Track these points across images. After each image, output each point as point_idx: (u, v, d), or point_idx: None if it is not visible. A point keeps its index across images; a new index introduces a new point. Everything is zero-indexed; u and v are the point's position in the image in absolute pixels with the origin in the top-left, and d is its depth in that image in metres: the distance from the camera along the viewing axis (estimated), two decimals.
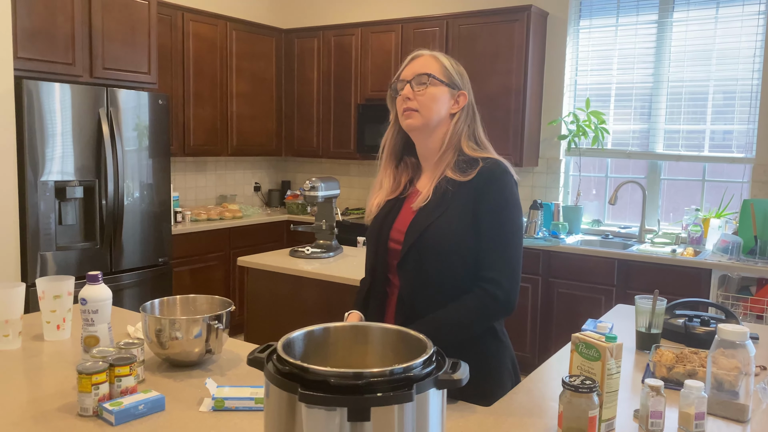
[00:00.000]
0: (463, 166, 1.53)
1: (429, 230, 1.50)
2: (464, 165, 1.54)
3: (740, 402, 1.37)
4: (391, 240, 1.59)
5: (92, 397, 1.33)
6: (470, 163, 1.54)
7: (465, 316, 1.47)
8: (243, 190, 5.66)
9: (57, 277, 1.84)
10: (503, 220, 1.49)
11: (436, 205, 1.52)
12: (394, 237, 1.59)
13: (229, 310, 1.67)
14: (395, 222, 1.60)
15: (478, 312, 1.47)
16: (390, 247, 1.59)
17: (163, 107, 4.00)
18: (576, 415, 1.22)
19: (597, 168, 4.59)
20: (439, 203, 1.52)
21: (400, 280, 1.56)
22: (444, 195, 1.52)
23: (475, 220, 1.49)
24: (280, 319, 3.13)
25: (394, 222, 1.61)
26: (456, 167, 1.54)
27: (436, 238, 1.49)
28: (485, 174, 1.51)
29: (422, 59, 1.58)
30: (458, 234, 1.48)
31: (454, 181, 1.52)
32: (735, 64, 4.00)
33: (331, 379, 0.87)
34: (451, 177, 1.53)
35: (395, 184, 1.65)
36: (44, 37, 3.48)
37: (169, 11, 4.48)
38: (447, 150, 1.57)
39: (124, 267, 3.85)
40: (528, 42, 4.29)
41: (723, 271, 3.50)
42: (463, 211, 1.49)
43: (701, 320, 1.93)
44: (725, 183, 4.12)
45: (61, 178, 3.49)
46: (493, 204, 1.49)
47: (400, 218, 1.60)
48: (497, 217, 1.49)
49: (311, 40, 5.30)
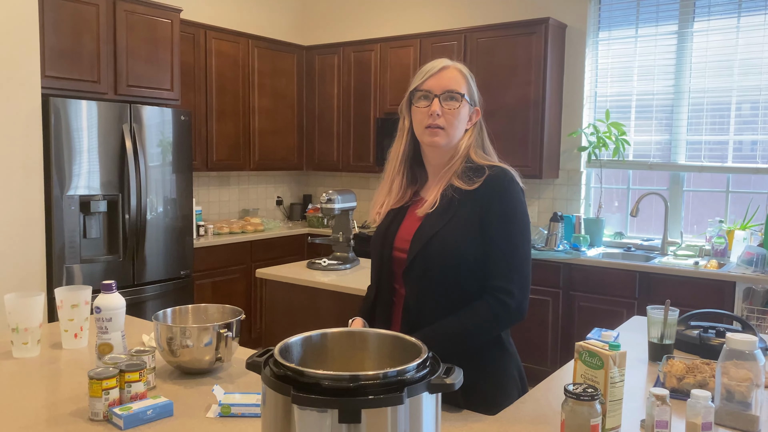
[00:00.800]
0: (469, 173, 1.53)
1: (435, 238, 1.50)
2: (470, 173, 1.53)
3: (751, 413, 1.34)
4: (396, 249, 1.59)
5: (102, 402, 1.36)
6: (476, 171, 1.54)
7: (476, 324, 1.46)
8: (265, 204, 5.73)
9: (75, 286, 1.88)
10: (512, 228, 1.49)
11: (442, 213, 1.52)
12: (399, 246, 1.58)
13: (239, 318, 1.69)
14: (399, 231, 1.60)
15: (490, 321, 1.47)
16: (394, 256, 1.59)
17: (185, 123, 4.08)
18: (578, 423, 1.21)
19: (619, 180, 4.54)
20: (445, 211, 1.52)
21: (405, 288, 1.56)
22: (450, 203, 1.52)
23: (482, 228, 1.49)
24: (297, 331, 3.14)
25: (398, 231, 1.60)
26: (462, 175, 1.54)
27: (442, 246, 1.49)
28: (492, 182, 1.51)
29: (450, 73, 1.55)
30: (464, 242, 1.49)
31: (460, 189, 1.52)
32: (758, 74, 3.94)
33: (324, 381, 0.88)
34: (457, 185, 1.53)
35: (402, 191, 1.65)
36: (71, 55, 3.59)
37: (193, 29, 4.58)
38: (457, 160, 1.57)
39: (146, 279, 3.92)
40: (546, 54, 4.29)
41: (747, 283, 3.43)
42: (470, 220, 1.49)
43: (717, 331, 1.90)
44: (750, 194, 4.04)
45: (87, 193, 3.58)
46: (501, 212, 1.49)
47: (404, 227, 1.60)
48: (505, 226, 1.49)
49: (331, 56, 5.37)
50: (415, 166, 1.66)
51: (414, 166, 1.65)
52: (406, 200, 1.64)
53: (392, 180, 1.64)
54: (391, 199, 1.64)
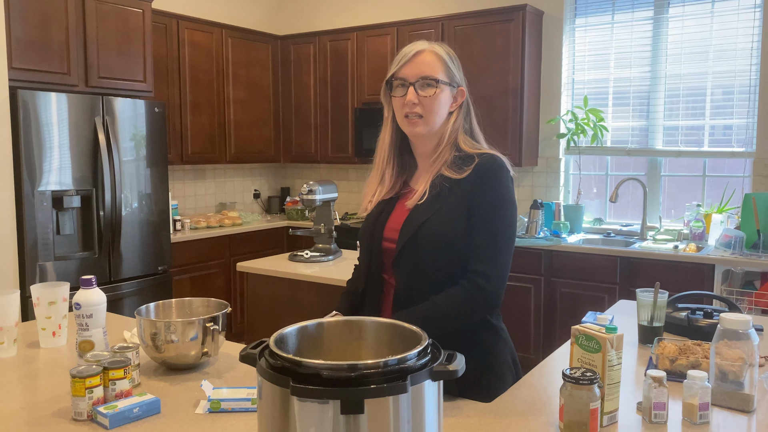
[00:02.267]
0: (459, 162, 1.51)
1: (424, 227, 1.48)
2: (460, 161, 1.51)
3: (745, 392, 1.34)
4: (385, 240, 1.56)
5: (86, 401, 1.31)
6: (466, 159, 1.51)
7: (450, 307, 1.43)
8: (242, 197, 5.65)
9: (52, 283, 1.82)
10: (496, 215, 1.47)
11: (432, 203, 1.50)
12: (388, 236, 1.56)
13: (225, 311, 1.65)
14: (388, 221, 1.58)
15: (464, 304, 1.44)
16: (384, 246, 1.56)
17: (159, 115, 3.99)
18: (577, 407, 1.20)
19: (597, 166, 4.57)
20: (435, 200, 1.50)
21: (395, 278, 1.54)
22: (440, 192, 1.50)
23: (470, 215, 1.47)
24: (280, 324, 3.10)
25: (387, 221, 1.58)
26: (452, 164, 1.51)
27: (431, 235, 1.47)
28: (481, 170, 1.49)
29: (425, 57, 1.51)
30: (454, 231, 1.46)
31: (449, 178, 1.50)
32: (732, 59, 3.98)
33: (323, 371, 0.85)
34: (446, 175, 1.50)
35: (393, 180, 1.61)
36: (39, 46, 3.48)
37: (164, 19, 4.48)
38: (445, 148, 1.54)
39: (123, 276, 3.83)
40: (524, 41, 4.28)
41: (726, 266, 3.48)
42: (459, 208, 1.47)
43: (704, 313, 1.91)
44: (726, 178, 4.09)
45: (59, 188, 3.48)
46: (488, 199, 1.47)
47: (394, 217, 1.57)
48: (490, 212, 1.47)
49: (307, 45, 5.30)
50: (404, 154, 1.63)
51: (403, 153, 1.63)
52: (396, 191, 1.61)
53: (383, 170, 1.61)
54: (384, 189, 1.60)
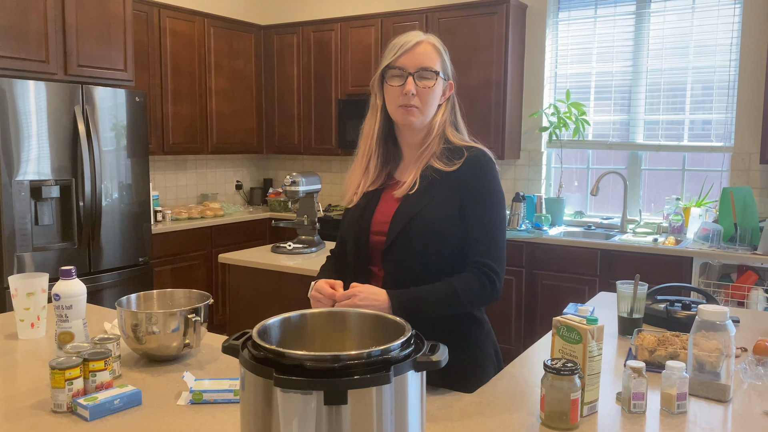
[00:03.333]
0: (448, 154, 1.51)
1: (417, 218, 1.47)
2: (449, 153, 1.51)
3: (722, 383, 1.37)
4: (373, 233, 1.55)
5: (66, 393, 1.29)
6: (455, 152, 1.52)
7: (464, 291, 1.44)
8: (224, 188, 5.61)
9: (30, 274, 1.79)
10: (493, 208, 1.49)
11: (423, 193, 1.49)
12: (376, 229, 1.54)
13: (207, 303, 1.64)
14: (375, 214, 1.56)
15: (477, 292, 1.45)
16: (372, 239, 1.55)
17: (140, 105, 3.94)
18: (558, 398, 1.21)
19: (578, 160, 4.60)
20: (426, 191, 1.49)
21: (384, 270, 1.53)
22: (431, 184, 1.50)
23: (462, 208, 1.48)
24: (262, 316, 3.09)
25: (374, 214, 1.56)
26: (441, 156, 1.51)
27: (423, 226, 1.47)
28: (472, 163, 1.49)
29: (424, 48, 1.50)
30: (445, 222, 1.47)
31: (440, 170, 1.50)
32: (712, 54, 4.03)
33: (307, 362, 0.85)
34: (436, 167, 1.50)
35: (378, 171, 1.59)
36: (16, 34, 3.41)
37: (145, 8, 4.42)
38: (434, 139, 1.54)
39: (103, 267, 3.79)
40: (507, 35, 4.29)
41: (704, 258, 3.53)
42: (450, 200, 1.48)
43: (682, 305, 1.94)
44: (705, 172, 4.15)
45: (37, 178, 3.43)
46: (483, 192, 1.48)
47: (381, 210, 1.56)
48: (487, 206, 1.48)
49: (290, 36, 5.26)
50: (390, 144, 1.61)
51: (388, 143, 1.60)
52: (381, 182, 1.59)
53: (368, 160, 1.58)
54: (368, 179, 1.58)
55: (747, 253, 3.44)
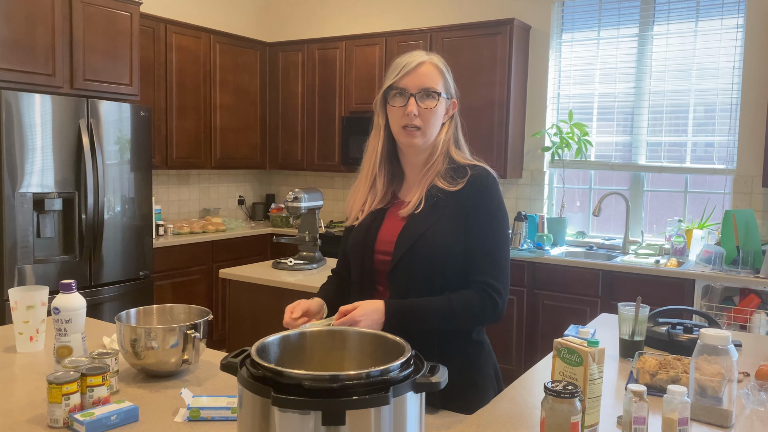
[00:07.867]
0: (452, 174, 1.51)
1: (423, 238, 1.47)
2: (453, 173, 1.52)
3: (724, 408, 1.36)
4: (378, 252, 1.54)
5: (63, 408, 1.28)
6: (458, 171, 1.52)
7: (463, 308, 1.43)
8: (227, 203, 5.62)
9: (30, 287, 1.79)
10: (496, 227, 1.49)
11: (429, 213, 1.49)
12: (381, 249, 1.53)
13: (207, 319, 1.63)
14: (380, 233, 1.55)
15: (476, 311, 1.45)
16: (377, 259, 1.54)
17: (145, 119, 3.96)
18: (558, 421, 1.20)
19: (581, 180, 4.61)
20: (432, 211, 1.49)
21: (390, 290, 1.51)
22: (436, 204, 1.49)
23: (467, 227, 1.47)
24: (262, 332, 3.07)
25: (378, 233, 1.55)
26: (445, 176, 1.51)
27: (430, 246, 1.46)
28: (476, 183, 1.49)
29: (426, 68, 1.50)
30: (452, 242, 1.46)
31: (444, 190, 1.50)
32: (715, 77, 4.05)
33: (305, 382, 0.84)
34: (441, 186, 1.50)
35: (384, 190, 1.58)
36: (24, 47, 3.45)
37: (152, 23, 4.46)
38: (438, 159, 1.53)
39: (104, 280, 3.79)
40: (511, 55, 4.32)
41: (706, 281, 3.52)
42: (455, 219, 1.48)
43: (684, 327, 1.93)
44: (707, 194, 4.15)
45: (40, 190, 3.44)
46: (487, 212, 1.48)
47: (386, 229, 1.55)
48: (491, 225, 1.48)
49: (295, 53, 5.30)
50: (394, 163, 1.61)
51: (392, 161, 1.60)
52: (387, 201, 1.59)
53: (373, 178, 1.58)
54: (376, 196, 1.58)
55: (749, 276, 3.42)
